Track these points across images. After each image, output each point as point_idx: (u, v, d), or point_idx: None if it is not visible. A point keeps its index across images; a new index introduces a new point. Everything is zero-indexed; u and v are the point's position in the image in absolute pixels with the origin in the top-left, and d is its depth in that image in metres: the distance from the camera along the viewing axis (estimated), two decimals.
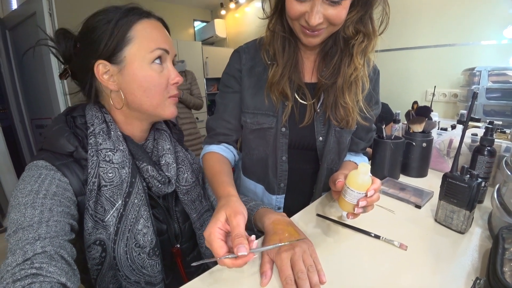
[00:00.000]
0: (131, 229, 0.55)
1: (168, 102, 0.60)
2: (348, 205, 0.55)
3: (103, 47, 0.53)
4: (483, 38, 1.78)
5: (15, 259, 0.39)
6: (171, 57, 0.60)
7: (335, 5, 0.55)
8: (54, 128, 0.54)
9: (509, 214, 0.52)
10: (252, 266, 0.53)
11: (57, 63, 1.77)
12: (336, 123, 0.72)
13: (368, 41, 0.64)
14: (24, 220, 0.42)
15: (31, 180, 0.47)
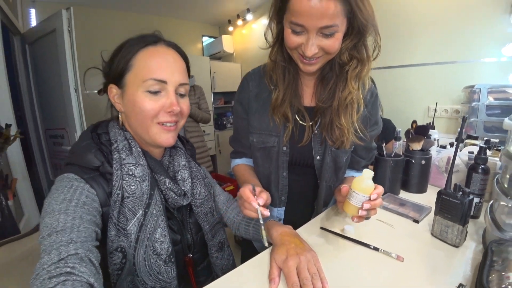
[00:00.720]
0: (149, 237, 0.59)
1: (157, 128, 0.61)
2: (353, 208, 0.60)
3: (113, 72, 0.61)
4: (483, 55, 1.84)
5: (51, 258, 0.42)
6: (173, 85, 0.61)
7: (328, 37, 0.61)
8: (82, 144, 0.59)
9: (499, 229, 0.56)
10: (260, 274, 0.58)
11: (73, 78, 1.88)
12: (331, 143, 0.78)
13: (362, 66, 0.70)
14: (58, 224, 0.46)
15: (64, 189, 0.52)
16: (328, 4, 0.56)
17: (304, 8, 0.57)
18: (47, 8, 2.82)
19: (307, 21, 0.59)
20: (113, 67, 0.60)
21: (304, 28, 0.61)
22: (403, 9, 2.24)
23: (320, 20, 0.58)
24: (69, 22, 1.83)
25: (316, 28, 0.60)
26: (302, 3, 0.57)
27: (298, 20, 0.60)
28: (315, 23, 0.59)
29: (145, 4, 3.35)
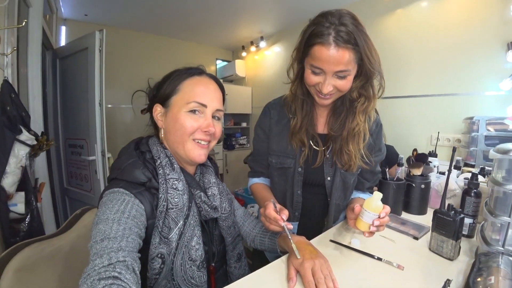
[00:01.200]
0: (187, 245, 0.65)
1: (192, 144, 0.69)
2: (365, 225, 0.69)
3: (160, 94, 0.71)
4: (482, 89, 1.97)
5: (102, 261, 0.46)
6: (211, 110, 0.70)
7: (341, 79, 0.75)
8: (129, 161, 0.65)
9: (487, 244, 0.64)
10: (279, 275, 0.67)
11: (99, 94, 2.03)
12: (340, 166, 0.89)
13: (369, 103, 0.83)
14: (110, 232, 0.51)
15: (117, 202, 0.57)
16: (343, 54, 0.69)
17: (324, 56, 0.70)
18: (76, 27, 3.09)
19: (326, 66, 0.72)
20: (162, 90, 0.71)
21: (322, 71, 0.74)
22: (409, 43, 2.42)
23: (336, 66, 0.71)
24: (101, 42, 2.01)
25: (333, 72, 0.73)
26: (322, 52, 0.70)
27: (318, 64, 0.73)
28: (332, 68, 0.72)
29: (165, 27, 3.61)
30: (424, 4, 2.33)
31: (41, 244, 0.81)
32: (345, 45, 0.69)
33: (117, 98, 3.33)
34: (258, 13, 3.22)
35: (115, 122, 3.44)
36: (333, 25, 0.69)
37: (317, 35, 0.71)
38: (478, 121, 1.64)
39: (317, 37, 0.71)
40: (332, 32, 0.69)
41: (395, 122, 2.46)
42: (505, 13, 1.59)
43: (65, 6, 2.80)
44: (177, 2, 2.86)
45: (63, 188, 2.54)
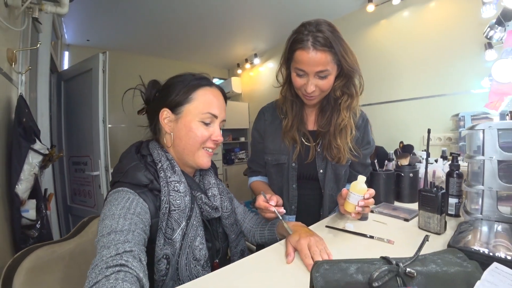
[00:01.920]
0: (190, 245, 0.67)
1: (202, 152, 0.74)
2: (351, 206, 0.76)
3: (171, 99, 0.72)
4: (467, 87, 2.10)
5: (109, 252, 0.48)
6: (219, 120, 0.76)
7: (323, 79, 0.85)
8: (131, 165, 0.67)
9: (468, 213, 0.70)
10: (279, 255, 0.71)
11: (103, 111, 2.13)
12: (330, 159, 0.97)
13: (352, 100, 0.93)
14: (117, 226, 0.53)
15: (122, 200, 0.59)
16: (321, 56, 0.80)
17: (305, 58, 0.81)
18: (79, 51, 3.26)
19: (307, 67, 0.83)
20: (172, 96, 0.72)
21: (305, 72, 0.84)
22: (395, 50, 2.57)
23: (316, 67, 0.82)
24: (104, 64, 2.13)
25: (314, 72, 0.83)
26: (303, 55, 0.81)
27: (300, 66, 0.84)
28: (312, 68, 0.83)
29: (163, 49, 3.80)
30: (405, 14, 2.50)
31: (52, 246, 0.85)
32: (322, 48, 0.80)
33: (117, 119, 3.44)
34: (251, 31, 3.41)
35: (116, 141, 3.52)
36: (311, 32, 0.81)
37: (298, 41, 0.82)
38: (463, 117, 1.73)
39: (298, 43, 0.82)
40: (310, 38, 0.80)
41: (388, 126, 2.56)
42: (478, 15, 1.72)
43: (68, 32, 2.98)
44: (174, 25, 3.04)
45: (67, 206, 2.58)
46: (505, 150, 0.67)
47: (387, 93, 2.60)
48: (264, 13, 2.92)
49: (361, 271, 0.44)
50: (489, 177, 0.67)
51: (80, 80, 2.32)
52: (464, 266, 0.43)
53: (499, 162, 0.67)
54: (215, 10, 2.76)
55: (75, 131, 2.45)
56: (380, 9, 2.62)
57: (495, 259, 0.46)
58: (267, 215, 0.82)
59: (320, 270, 0.46)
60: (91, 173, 2.19)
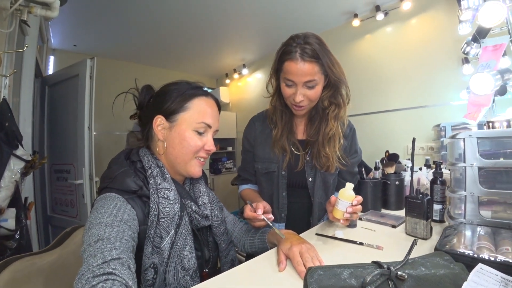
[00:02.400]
0: (179, 254, 0.66)
1: (195, 161, 0.74)
2: (339, 212, 0.77)
3: (166, 107, 0.71)
4: (447, 99, 2.20)
5: (96, 260, 0.47)
6: (213, 130, 0.76)
7: (310, 89, 0.88)
8: (120, 170, 0.66)
9: (452, 218, 0.73)
10: (270, 263, 0.72)
11: (89, 118, 2.08)
12: (319, 168, 0.99)
13: (339, 109, 0.96)
14: (104, 234, 0.52)
15: (109, 207, 0.58)
16: (309, 66, 0.84)
17: (293, 69, 0.85)
18: (65, 57, 3.19)
19: (295, 78, 0.86)
20: (167, 104, 0.71)
21: (293, 83, 0.87)
22: (379, 64, 2.68)
23: (304, 77, 0.85)
24: (92, 69, 2.10)
25: (302, 82, 0.86)
26: (291, 66, 0.85)
27: (289, 77, 0.87)
28: (300, 79, 0.86)
29: (152, 57, 3.79)
30: (388, 29, 2.62)
31: (32, 258, 0.81)
32: (310, 59, 0.83)
33: (103, 126, 3.36)
34: (240, 42, 3.46)
35: (101, 149, 3.43)
36: (299, 44, 0.84)
37: (287, 53, 0.86)
38: (444, 127, 1.81)
39: (286, 54, 0.86)
40: (299, 50, 0.83)
41: (373, 136, 2.63)
42: (456, 32, 1.83)
43: (55, 36, 2.92)
44: (163, 33, 3.05)
45: (47, 215, 2.47)
46: (484, 157, 0.71)
47: (372, 104, 2.69)
48: (253, 25, 2.98)
49: (354, 276, 0.45)
50: (470, 183, 0.70)
51: (66, 85, 2.27)
52: (451, 268, 0.44)
53: (479, 168, 0.70)
54: (204, 20, 2.80)
55: (59, 137, 2.37)
56: (364, 24, 2.74)
57: (479, 260, 0.48)
58: (257, 224, 0.83)
59: (314, 276, 0.46)
60: (75, 181, 2.12)
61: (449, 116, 2.14)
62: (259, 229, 0.90)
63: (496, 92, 1.06)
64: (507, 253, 0.51)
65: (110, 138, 3.55)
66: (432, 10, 2.31)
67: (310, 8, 2.64)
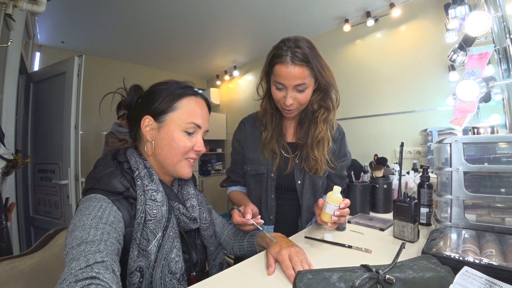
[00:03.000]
0: (166, 257, 0.64)
1: (184, 162, 0.72)
2: (327, 215, 0.77)
3: (154, 108, 0.70)
4: (434, 105, 2.26)
5: (78, 264, 0.45)
6: (203, 131, 0.74)
7: (301, 92, 0.88)
8: (106, 171, 0.65)
9: (439, 222, 0.75)
10: (260, 266, 0.71)
11: (75, 117, 2.03)
12: (308, 171, 1.00)
13: (328, 113, 0.97)
14: (88, 236, 0.50)
15: (94, 208, 0.56)
16: (299, 70, 0.84)
17: (284, 72, 0.85)
18: (52, 53, 3.11)
19: (285, 81, 0.86)
20: (155, 104, 0.70)
21: (284, 86, 0.87)
22: (368, 68, 2.73)
23: (294, 80, 0.85)
24: (79, 67, 2.05)
25: (292, 86, 0.87)
26: (282, 69, 0.85)
27: (280, 80, 0.87)
28: (291, 82, 0.86)
29: (141, 56, 3.74)
30: (378, 35, 2.67)
31: (12, 261, 0.78)
32: (300, 63, 0.84)
33: (90, 125, 3.28)
34: (232, 44, 3.46)
35: (87, 149, 3.35)
36: (290, 48, 0.84)
37: (277, 56, 0.86)
38: (431, 132, 1.85)
39: (277, 58, 0.86)
40: (289, 53, 0.84)
41: (362, 140, 2.67)
42: (443, 40, 1.88)
43: (41, 32, 2.84)
44: (153, 32, 3.01)
45: (29, 217, 2.38)
46: (470, 162, 0.73)
47: (362, 108, 2.74)
48: (245, 27, 2.98)
49: (343, 280, 0.45)
50: (456, 187, 0.72)
51: (52, 83, 2.20)
52: (438, 271, 0.45)
53: (465, 173, 0.72)
54: (196, 20, 2.78)
55: (43, 136, 2.30)
56: (355, 30, 2.78)
57: (465, 263, 0.49)
58: (246, 228, 0.82)
59: (303, 280, 0.46)
60: (59, 181, 2.05)
61: (436, 121, 2.19)
62: (248, 232, 0.89)
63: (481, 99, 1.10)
64: (491, 256, 0.52)
65: (97, 138, 3.47)
66: (421, 18, 2.37)
67: (302, 12, 2.66)
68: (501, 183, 0.71)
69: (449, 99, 2.02)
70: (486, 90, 0.84)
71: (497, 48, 1.05)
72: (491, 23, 0.93)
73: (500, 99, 1.10)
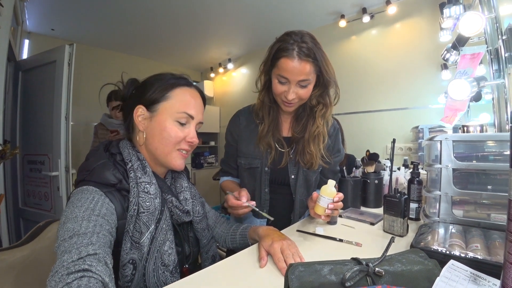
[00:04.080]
0: (159, 249, 0.65)
1: (176, 153, 0.71)
2: (321, 208, 0.78)
3: (147, 97, 0.69)
4: (427, 103, 2.30)
5: (71, 256, 0.45)
6: (196, 122, 0.73)
7: (303, 88, 0.88)
8: (98, 163, 0.64)
9: (427, 217, 0.77)
10: (252, 259, 0.72)
11: (66, 107, 1.99)
12: (303, 165, 1.01)
13: (326, 109, 0.98)
14: (80, 229, 0.50)
15: (86, 200, 0.56)
16: (305, 65, 0.84)
17: (289, 67, 0.84)
18: (41, 41, 3.02)
19: (290, 76, 0.85)
20: (148, 93, 0.69)
21: (287, 80, 0.87)
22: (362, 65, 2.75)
23: (299, 76, 0.85)
24: (70, 56, 2.00)
25: (296, 81, 0.86)
26: (288, 64, 0.84)
27: (284, 74, 0.86)
28: (295, 77, 0.85)
29: (134, 47, 3.66)
30: (373, 32, 2.68)
31: (1, 254, 0.77)
32: (306, 58, 0.83)
33: (81, 116, 3.22)
34: (226, 36, 3.42)
35: (78, 140, 3.30)
36: (296, 42, 0.83)
37: (283, 50, 0.84)
38: (422, 129, 1.88)
39: (283, 51, 0.84)
40: (296, 48, 0.83)
41: (355, 135, 2.70)
42: (437, 39, 1.90)
43: (31, 18, 2.75)
44: (147, 22, 2.95)
45: (18, 208, 2.34)
46: (458, 159, 0.75)
47: (355, 104, 2.76)
48: (240, 19, 2.95)
49: (334, 272, 0.46)
50: (445, 184, 0.74)
51: (42, 71, 2.15)
52: (425, 264, 0.46)
53: (454, 170, 0.74)
54: (190, 11, 2.73)
55: (32, 127, 2.25)
56: (351, 26, 2.79)
57: (451, 257, 0.51)
58: (240, 211, 0.83)
59: (295, 272, 0.47)
60: (49, 173, 2.02)
61: (427, 118, 2.23)
62: (241, 225, 0.90)
63: (472, 98, 1.12)
64: (477, 250, 0.54)
65: (86, 129, 3.40)
66: (416, 16, 2.39)
67: (298, 6, 2.65)
68: (488, 180, 0.73)
69: (441, 97, 2.05)
70: (477, 89, 0.86)
71: (489, 48, 1.07)
72: (485, 24, 0.94)
73: (490, 98, 1.12)
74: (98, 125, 2.21)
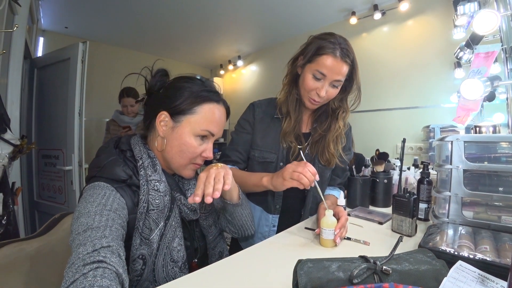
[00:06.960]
0: (168, 246, 0.66)
1: (190, 166, 0.73)
2: (327, 241, 0.77)
3: (174, 105, 0.68)
4: (438, 101, 2.26)
5: (86, 249, 0.46)
6: (216, 137, 0.75)
7: (334, 88, 0.91)
8: (109, 159, 0.66)
9: (436, 217, 0.76)
10: (260, 255, 0.72)
11: (79, 103, 2.04)
12: (324, 162, 1.01)
13: (346, 113, 1.00)
14: (93, 223, 0.52)
15: (98, 196, 0.58)
16: (343, 66, 0.87)
17: (331, 64, 0.86)
18: (56, 38, 3.10)
19: (329, 73, 0.87)
20: (176, 102, 0.69)
21: (324, 77, 0.88)
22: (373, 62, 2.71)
23: (337, 75, 0.87)
24: (84, 53, 2.05)
25: (332, 79, 0.88)
26: (329, 60, 0.86)
27: (322, 70, 0.87)
28: (333, 76, 0.87)
29: (145, 44, 3.70)
30: (385, 29, 2.64)
31: (20, 244, 0.79)
32: (346, 60, 0.86)
33: (93, 112, 3.29)
34: (236, 33, 3.42)
35: (91, 135, 3.37)
36: (339, 44, 0.87)
37: (327, 47, 0.86)
38: (433, 129, 1.86)
39: (327, 48, 0.86)
40: (338, 48, 0.86)
41: (365, 134, 2.67)
42: (450, 37, 1.86)
43: (45, 17, 2.82)
44: (158, 20, 2.98)
45: (33, 201, 2.42)
46: (470, 160, 0.74)
47: (365, 102, 2.70)
48: (250, 17, 2.94)
49: (342, 269, 0.47)
50: (455, 185, 0.74)
51: (56, 69, 2.20)
52: (433, 264, 0.47)
53: (464, 171, 0.74)
54: (201, 9, 2.75)
55: (47, 122, 2.31)
56: (362, 23, 2.75)
57: (459, 258, 0.51)
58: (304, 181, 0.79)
59: (304, 268, 0.48)
60: (63, 167, 2.08)
61: (439, 118, 2.19)
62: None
63: (485, 98, 1.10)
64: (486, 252, 0.54)
65: (98, 125, 3.48)
66: (429, 13, 2.34)
67: (308, 4, 2.63)
68: (500, 182, 0.73)
69: (454, 96, 2.01)
70: (490, 89, 0.85)
71: (504, 47, 1.04)
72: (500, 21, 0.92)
73: (504, 98, 1.10)
74: (110, 121, 2.26)
